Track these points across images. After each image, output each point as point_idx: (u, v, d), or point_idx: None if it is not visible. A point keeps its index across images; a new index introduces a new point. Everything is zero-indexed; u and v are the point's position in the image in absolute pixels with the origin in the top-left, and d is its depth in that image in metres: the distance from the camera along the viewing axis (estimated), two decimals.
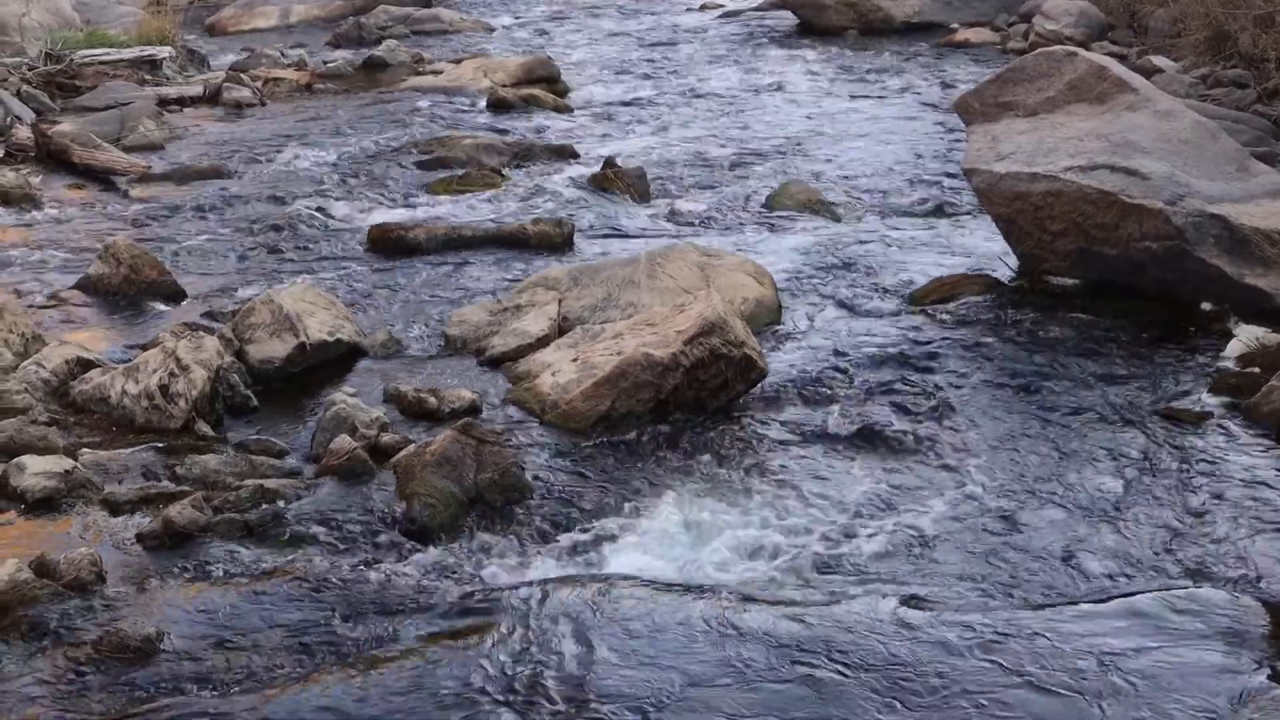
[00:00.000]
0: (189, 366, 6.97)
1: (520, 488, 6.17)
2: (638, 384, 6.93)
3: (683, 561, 5.76)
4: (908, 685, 4.71)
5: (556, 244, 10.10)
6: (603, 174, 11.87)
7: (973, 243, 9.85)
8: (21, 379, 7.24)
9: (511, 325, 8.04)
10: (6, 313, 7.75)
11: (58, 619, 5.09)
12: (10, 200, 11.48)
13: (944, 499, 6.24)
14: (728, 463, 6.57)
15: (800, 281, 9.12)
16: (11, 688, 4.66)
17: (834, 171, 12.40)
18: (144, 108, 14.93)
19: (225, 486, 6.18)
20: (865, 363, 7.72)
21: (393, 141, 13.72)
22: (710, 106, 15.78)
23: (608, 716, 4.54)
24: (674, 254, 8.65)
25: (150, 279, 9.01)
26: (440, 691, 4.65)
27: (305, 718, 4.51)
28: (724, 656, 4.89)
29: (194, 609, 5.20)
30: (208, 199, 11.60)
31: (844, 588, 5.51)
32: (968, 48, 18.92)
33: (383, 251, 9.99)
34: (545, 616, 5.11)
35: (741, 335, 7.14)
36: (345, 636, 5.05)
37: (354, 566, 5.54)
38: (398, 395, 7.17)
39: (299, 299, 7.96)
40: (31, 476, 6.09)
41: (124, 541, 5.74)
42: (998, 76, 9.61)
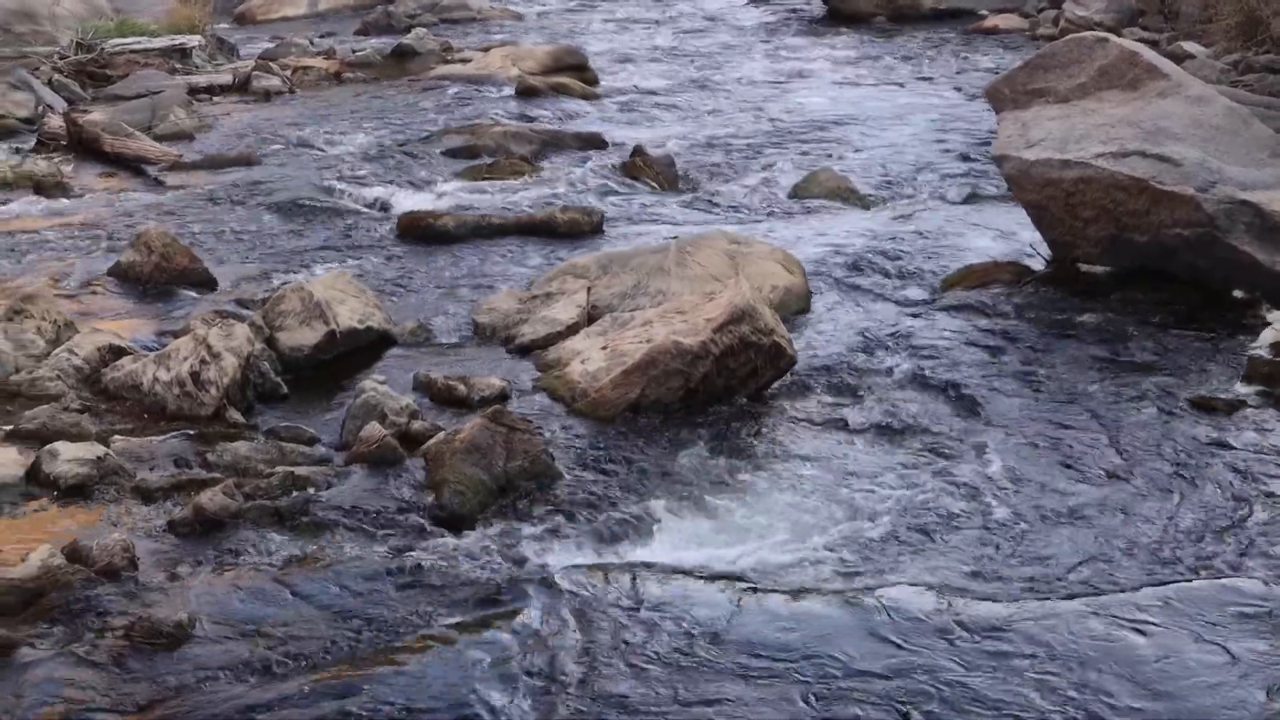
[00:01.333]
0: (220, 354, 6.98)
1: (550, 475, 6.18)
2: (667, 372, 6.92)
3: (712, 549, 5.75)
4: (937, 674, 4.70)
5: (585, 232, 10.10)
6: (631, 162, 11.87)
7: (1003, 230, 9.82)
8: (54, 366, 7.27)
9: (541, 313, 8.04)
10: (39, 300, 7.78)
11: (90, 604, 5.11)
12: (43, 189, 11.53)
13: (974, 487, 6.21)
14: (757, 451, 6.56)
15: (830, 269, 9.10)
16: (45, 672, 4.68)
17: (863, 159, 12.38)
18: (174, 96, 14.98)
19: (256, 473, 6.20)
20: (895, 350, 7.70)
21: (422, 130, 13.73)
22: (739, 94, 15.76)
23: (638, 702, 4.54)
24: (703, 242, 8.64)
25: (181, 267, 9.04)
26: (470, 678, 4.65)
27: (336, 704, 4.52)
28: (752, 644, 4.89)
29: (225, 595, 5.21)
30: (238, 187, 11.63)
31: (874, 576, 5.49)
32: (997, 34, 18.87)
33: (412, 239, 10.01)
34: (575, 604, 5.12)
35: (771, 323, 7.13)
36: (375, 623, 5.06)
37: (384, 553, 5.54)
38: (427, 383, 7.18)
39: (329, 287, 7.97)
40: (64, 463, 6.11)
41: (156, 528, 5.76)
42: (1028, 63, 9.57)
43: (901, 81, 16.11)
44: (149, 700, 4.54)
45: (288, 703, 4.53)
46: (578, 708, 4.53)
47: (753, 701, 4.55)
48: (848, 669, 4.73)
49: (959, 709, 4.51)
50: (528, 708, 4.51)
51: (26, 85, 14.94)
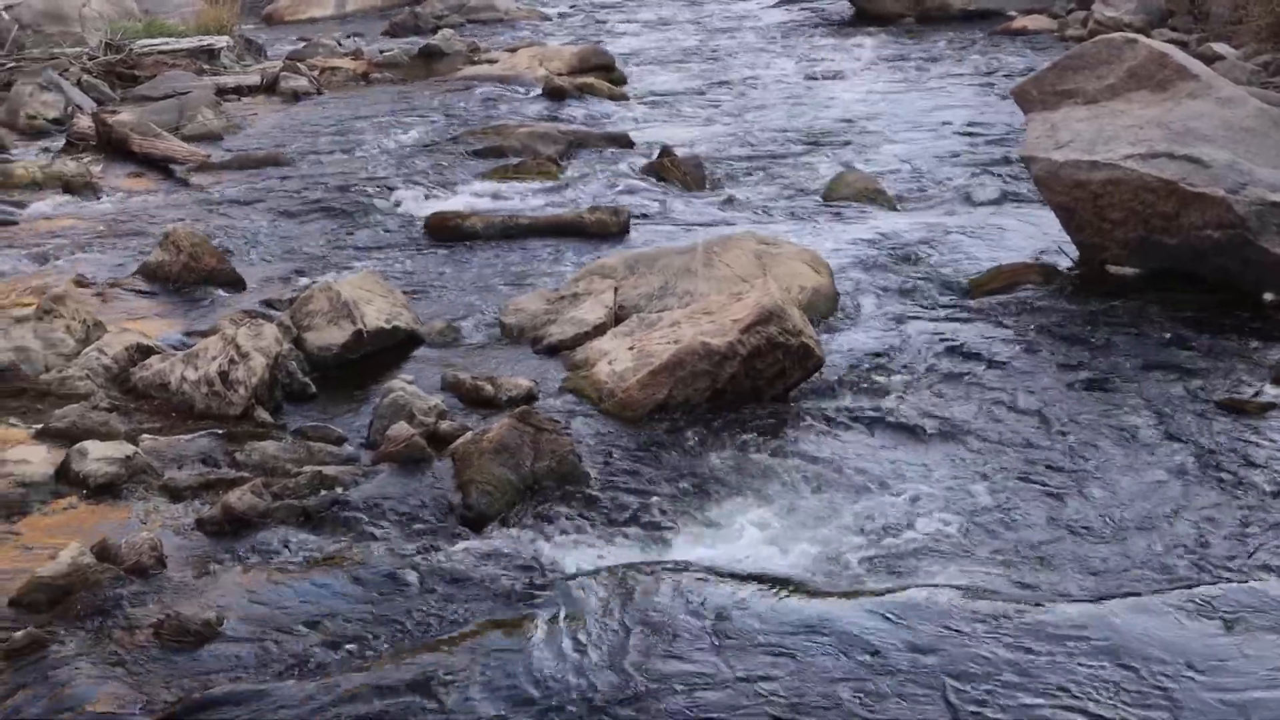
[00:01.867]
0: (248, 353, 7.00)
1: (577, 475, 6.17)
2: (694, 372, 6.92)
3: (740, 550, 5.73)
4: (965, 676, 4.67)
5: (613, 232, 10.10)
6: (659, 162, 11.87)
7: (1031, 231, 9.79)
8: (83, 365, 7.30)
9: (568, 314, 8.04)
10: (68, 300, 7.81)
11: (119, 603, 5.12)
12: (72, 188, 11.59)
13: (1002, 490, 6.19)
14: (784, 452, 6.54)
15: (858, 270, 9.08)
16: (73, 670, 4.69)
17: (891, 160, 12.36)
18: (202, 97, 15.03)
19: (284, 473, 6.21)
20: (923, 352, 7.68)
21: (449, 130, 13.75)
22: (766, 95, 15.75)
23: (664, 704, 4.53)
24: (731, 243, 8.63)
25: (209, 266, 9.07)
26: (498, 679, 4.64)
27: (363, 704, 4.52)
28: (780, 645, 4.86)
29: (253, 594, 5.21)
30: (266, 187, 11.67)
31: (902, 577, 5.47)
32: (1025, 35, 18.83)
33: (440, 239, 10.02)
34: (603, 604, 5.10)
35: (799, 324, 7.12)
36: (403, 623, 5.05)
37: (411, 553, 5.54)
38: (455, 383, 7.18)
39: (357, 287, 7.99)
40: (93, 462, 6.13)
41: (184, 527, 5.77)
42: (1057, 64, 9.54)
43: (929, 82, 16.08)
44: (177, 698, 4.54)
45: (315, 702, 4.53)
46: (605, 710, 4.51)
47: (782, 703, 4.54)
48: (878, 671, 4.71)
49: (994, 711, 4.49)
50: (554, 709, 4.50)
51: (56, 86, 15.01)
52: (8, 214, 10.92)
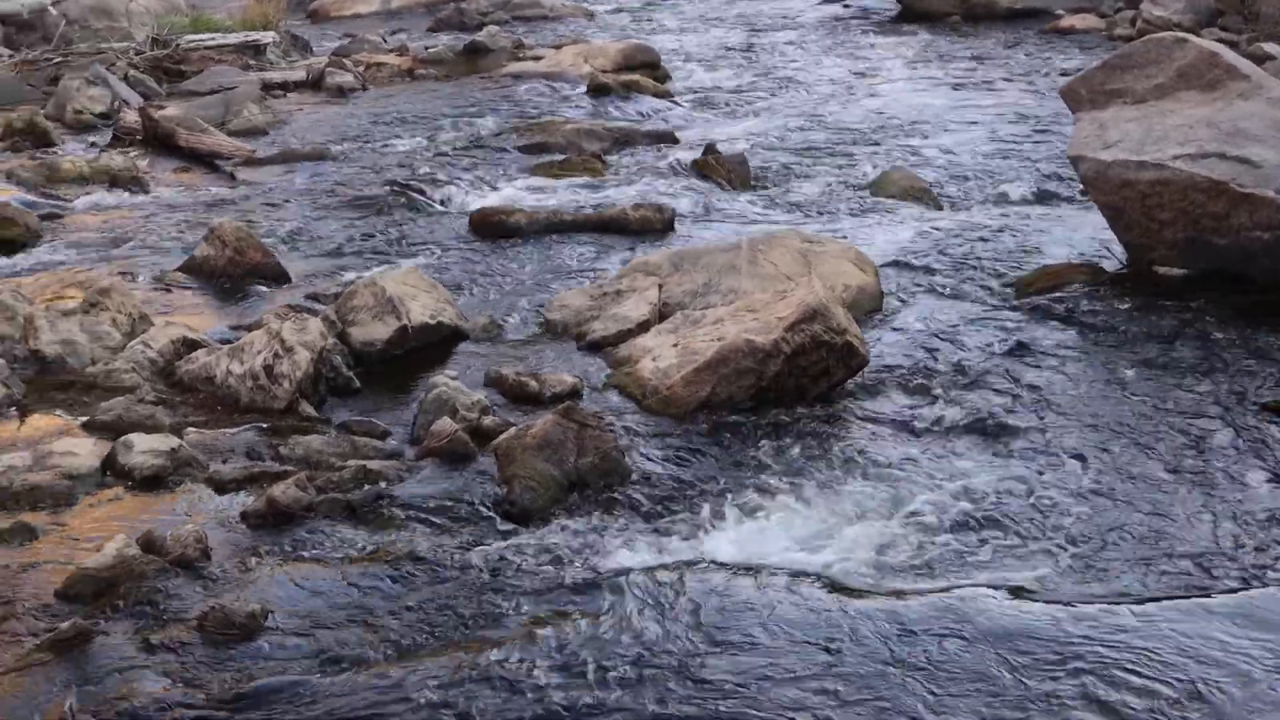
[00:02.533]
0: (293, 348, 7.02)
1: (621, 472, 6.16)
2: (739, 370, 6.90)
3: (783, 548, 5.71)
4: (1010, 676, 4.65)
5: (657, 229, 10.09)
6: (704, 160, 11.85)
7: (1078, 231, 9.73)
8: (129, 358, 7.33)
9: (612, 310, 8.03)
10: (114, 293, 7.85)
11: (164, 594, 5.14)
12: (118, 183, 11.65)
13: (1046, 490, 6.15)
14: (829, 450, 6.52)
15: (903, 269, 9.05)
16: (118, 662, 4.71)
17: (937, 159, 12.31)
18: (248, 92, 15.09)
19: (328, 467, 6.22)
20: (968, 351, 7.64)
21: (494, 126, 13.77)
22: (812, 93, 15.71)
23: (708, 702, 4.52)
24: (775, 240, 8.60)
25: (254, 261, 9.09)
26: (541, 675, 4.64)
27: (406, 698, 4.52)
28: (825, 645, 4.85)
29: (297, 587, 5.23)
30: (311, 182, 11.71)
31: (945, 577, 5.44)
32: (1073, 34, 18.73)
33: (484, 235, 10.03)
34: (646, 602, 5.09)
35: (843, 322, 7.10)
36: (446, 618, 5.06)
37: (455, 548, 5.55)
38: (499, 379, 7.18)
39: (401, 282, 8.00)
40: (139, 454, 6.16)
41: (229, 519, 5.79)
42: (1105, 63, 9.48)
43: (976, 81, 16.01)
44: (222, 691, 4.55)
45: (358, 695, 4.54)
46: (646, 707, 4.50)
47: (825, 702, 4.52)
48: (918, 671, 4.69)
49: (1040, 712, 4.46)
50: (595, 706, 4.50)
51: (103, 81, 15.09)
52: (55, 208, 10.99)
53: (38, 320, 7.49)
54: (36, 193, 11.30)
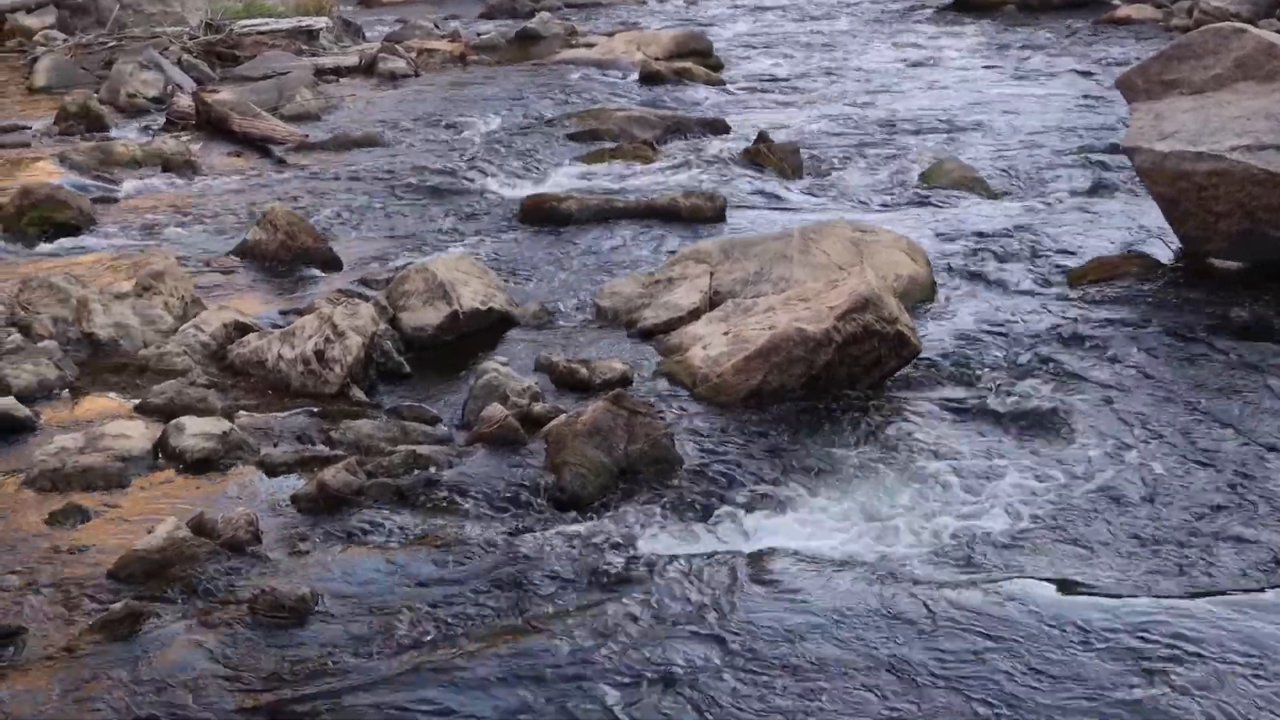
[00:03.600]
0: (344, 333, 7.03)
1: (671, 459, 6.15)
2: (790, 359, 6.88)
3: (833, 537, 5.70)
4: (1060, 670, 4.62)
5: (708, 217, 10.07)
6: (755, 148, 11.82)
7: (1132, 223, 9.66)
8: (181, 342, 7.36)
9: (663, 298, 8.02)
10: (167, 277, 7.89)
11: (214, 577, 5.16)
12: (172, 167, 11.70)
13: (1098, 483, 6.10)
14: (879, 440, 6.50)
15: (954, 259, 9.00)
16: (169, 643, 4.73)
17: (990, 149, 12.24)
18: (301, 77, 15.14)
19: (378, 451, 6.22)
20: (1020, 342, 7.59)
21: (545, 113, 13.77)
22: (864, 82, 15.65)
23: (757, 692, 4.50)
24: (827, 229, 8.57)
25: (306, 246, 9.12)
26: (590, 661, 4.64)
27: (455, 683, 4.52)
28: (874, 635, 4.83)
29: (347, 571, 5.24)
30: (363, 168, 11.73)
31: (995, 569, 5.41)
32: (1129, 24, 18.59)
33: (535, 222, 10.02)
34: (695, 589, 5.09)
35: (895, 312, 7.06)
36: (494, 603, 5.06)
37: (505, 534, 5.55)
38: (549, 365, 7.18)
39: (452, 268, 8.01)
40: (191, 437, 6.18)
41: (279, 503, 5.80)
42: (1162, 53, 9.39)
43: (1030, 71, 15.92)
44: (271, 673, 4.57)
45: (407, 679, 4.55)
46: (696, 695, 4.49)
47: (875, 693, 4.50)
48: (966, 662, 4.66)
49: (1086, 707, 4.43)
50: (646, 694, 4.49)
51: (156, 65, 15.16)
52: (108, 191, 11.04)
53: (91, 303, 7.53)
54: (90, 176, 11.37)
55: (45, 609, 4.99)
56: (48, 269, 8.62)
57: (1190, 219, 8.63)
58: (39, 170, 11.51)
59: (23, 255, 9.40)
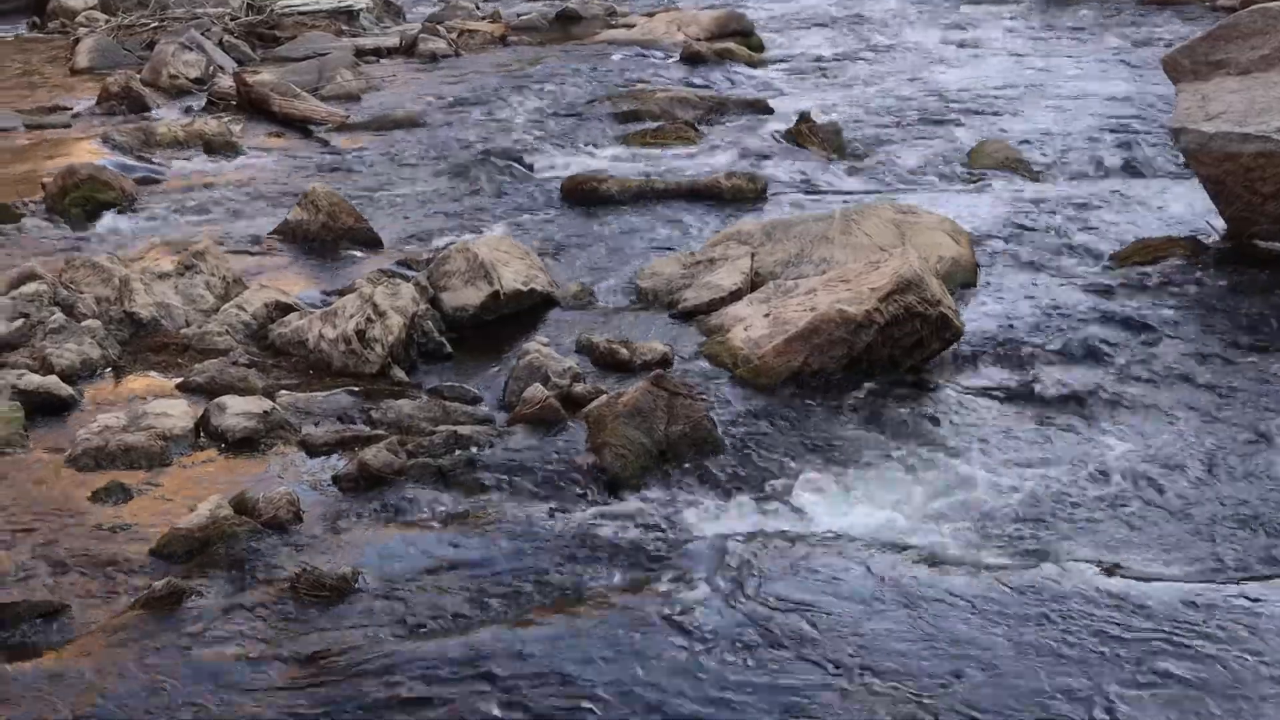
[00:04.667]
0: (385, 312, 7.03)
1: (711, 441, 6.13)
2: (831, 340, 6.85)
3: (873, 520, 5.67)
4: (1102, 655, 4.59)
5: (750, 198, 10.05)
6: (797, 129, 11.77)
7: (1177, 204, 9.59)
8: (222, 321, 7.39)
9: (704, 279, 8.00)
10: (209, 256, 7.91)
11: (256, 556, 5.17)
12: (213, 148, 11.73)
13: (1143, 466, 6.07)
14: (921, 422, 6.47)
15: (998, 241, 8.96)
16: (211, 622, 4.74)
17: (1033, 130, 12.16)
18: (341, 58, 15.16)
19: (419, 431, 6.23)
20: (1064, 325, 7.54)
21: (586, 94, 13.74)
22: (906, 62, 15.58)
23: (795, 674, 4.49)
24: (869, 210, 8.53)
25: (347, 226, 9.13)
26: (628, 642, 4.63)
27: (495, 662, 4.52)
28: (913, 617, 4.80)
29: (388, 551, 5.24)
30: (403, 148, 11.74)
31: (1038, 553, 5.38)
32: (1174, 4, 18.43)
33: (576, 202, 10.02)
34: (735, 571, 5.07)
35: (938, 293, 7.02)
36: (534, 584, 5.05)
37: (545, 514, 5.54)
38: (590, 346, 7.17)
39: (494, 248, 8.00)
40: (232, 416, 6.20)
41: (320, 482, 5.81)
42: (1209, 33, 9.30)
43: (1074, 51, 15.81)
44: (313, 652, 4.57)
45: (447, 659, 4.54)
46: (733, 676, 4.48)
47: (916, 677, 4.48)
48: (1007, 645, 4.63)
49: (1131, 691, 4.40)
50: (682, 675, 4.48)
51: (198, 46, 15.18)
52: (150, 172, 11.08)
53: (133, 283, 7.55)
54: (132, 157, 11.41)
55: (87, 586, 5.01)
56: (91, 249, 8.65)
57: (1236, 201, 8.55)
58: (82, 150, 11.55)
59: (66, 235, 9.44)
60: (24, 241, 9.28)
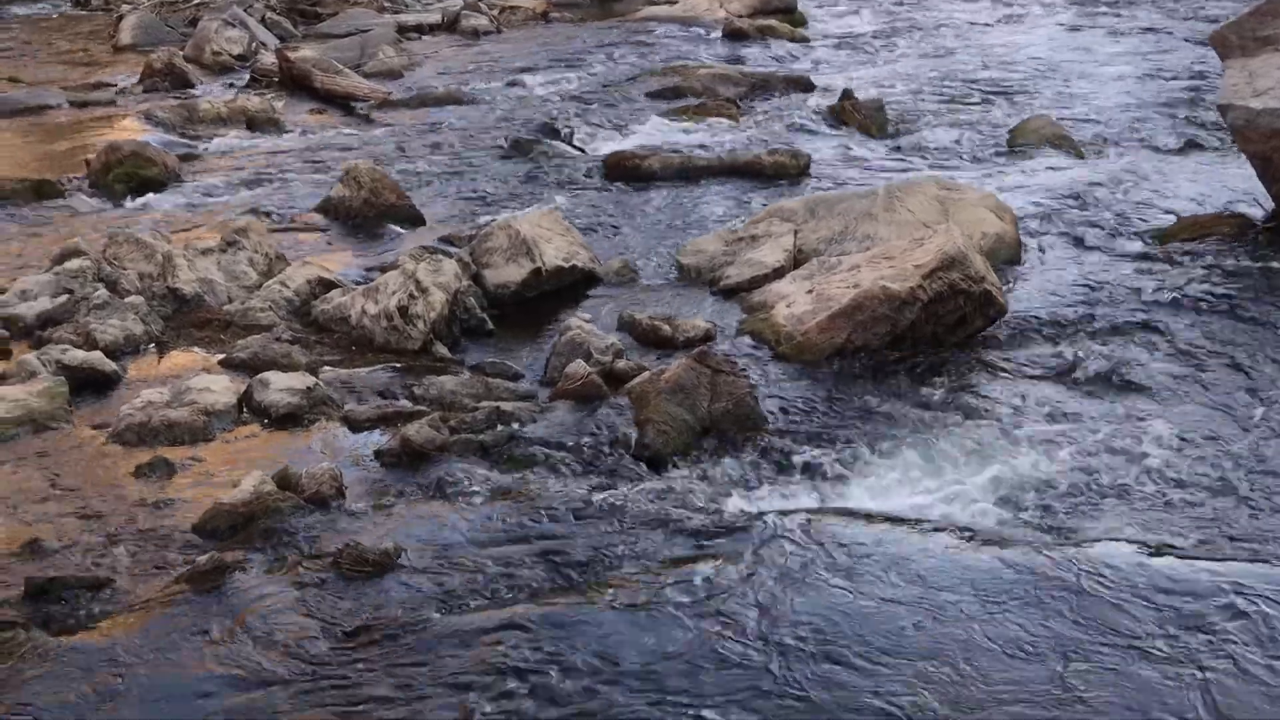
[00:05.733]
0: (428, 289, 7.04)
1: (754, 418, 6.11)
2: (874, 317, 6.82)
3: (915, 497, 5.65)
4: (1145, 633, 4.55)
5: (792, 175, 10.02)
6: (840, 105, 11.73)
7: (1223, 182, 9.52)
8: (266, 297, 7.40)
9: (746, 255, 7.98)
10: (252, 233, 7.92)
11: (299, 531, 5.18)
12: (255, 124, 11.75)
13: (1184, 444, 6.02)
14: (964, 400, 6.43)
15: (1042, 218, 8.90)
16: (254, 596, 4.75)
17: (1078, 106, 12.09)
18: (384, 35, 15.17)
19: (461, 407, 6.23)
20: (1108, 303, 7.49)
21: (628, 70, 13.73)
22: (950, 39, 15.50)
23: (837, 651, 4.47)
24: (912, 187, 8.49)
25: (389, 202, 9.14)
26: (671, 618, 4.61)
27: (536, 638, 4.51)
28: (956, 595, 4.77)
29: (430, 526, 5.24)
30: (445, 124, 11.74)
31: (1080, 530, 5.35)
32: None
33: (618, 179, 10.01)
34: (776, 548, 5.05)
35: (981, 270, 6.99)
36: (576, 559, 5.04)
37: (586, 490, 5.53)
38: (632, 322, 7.16)
39: (536, 224, 7.99)
40: (276, 392, 6.21)
41: (363, 458, 5.82)
42: (1257, 9, 9.21)
43: (1120, 27, 15.70)
44: (355, 627, 4.57)
45: (489, 634, 4.54)
46: (774, 654, 4.46)
47: (959, 653, 4.45)
48: (1052, 623, 4.60)
49: (1170, 671, 4.36)
50: (723, 651, 4.46)
51: (241, 23, 15.22)
52: (192, 148, 11.10)
53: (176, 259, 7.57)
54: (175, 133, 11.45)
55: (132, 561, 5.03)
56: (134, 225, 8.68)
57: None
58: (125, 127, 11.61)
59: (110, 211, 9.47)
60: (68, 218, 9.32)
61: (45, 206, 9.49)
